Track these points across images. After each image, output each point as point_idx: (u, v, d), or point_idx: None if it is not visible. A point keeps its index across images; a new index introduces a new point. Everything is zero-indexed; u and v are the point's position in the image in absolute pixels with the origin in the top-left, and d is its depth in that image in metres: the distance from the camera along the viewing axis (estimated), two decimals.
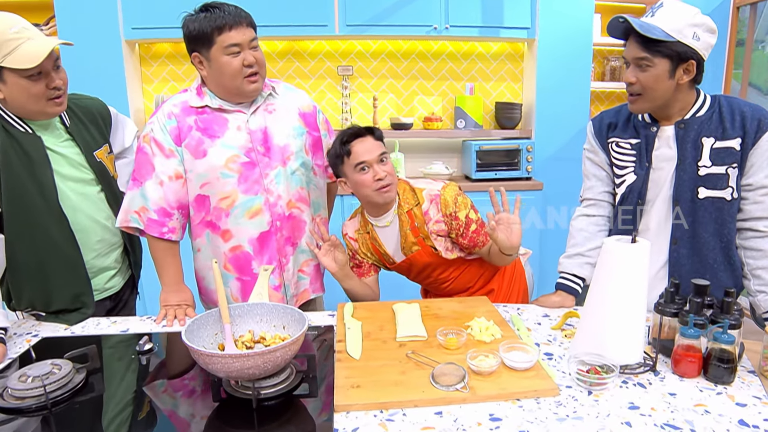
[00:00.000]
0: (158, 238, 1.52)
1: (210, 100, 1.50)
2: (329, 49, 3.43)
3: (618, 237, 1.17)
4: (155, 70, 3.33)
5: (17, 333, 1.44)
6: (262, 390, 1.05)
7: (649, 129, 1.48)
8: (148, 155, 1.49)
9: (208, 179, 1.50)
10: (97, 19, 2.93)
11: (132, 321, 1.53)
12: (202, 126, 1.49)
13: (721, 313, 1.18)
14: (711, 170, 1.40)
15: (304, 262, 1.65)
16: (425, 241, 1.60)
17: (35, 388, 1.06)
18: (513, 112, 3.49)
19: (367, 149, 1.51)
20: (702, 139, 1.40)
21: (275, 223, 1.55)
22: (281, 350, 0.99)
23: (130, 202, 1.50)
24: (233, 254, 1.55)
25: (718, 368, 1.12)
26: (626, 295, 1.13)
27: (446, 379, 1.09)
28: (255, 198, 1.52)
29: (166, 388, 1.15)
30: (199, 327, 1.12)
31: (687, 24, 1.31)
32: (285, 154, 1.55)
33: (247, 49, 1.43)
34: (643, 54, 1.34)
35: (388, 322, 1.43)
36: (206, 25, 1.39)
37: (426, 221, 1.58)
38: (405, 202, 1.61)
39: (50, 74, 1.39)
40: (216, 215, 1.53)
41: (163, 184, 1.49)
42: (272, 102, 1.57)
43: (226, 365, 0.97)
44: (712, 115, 1.41)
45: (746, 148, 1.38)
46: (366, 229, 1.67)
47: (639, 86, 1.38)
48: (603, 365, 1.13)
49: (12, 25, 1.33)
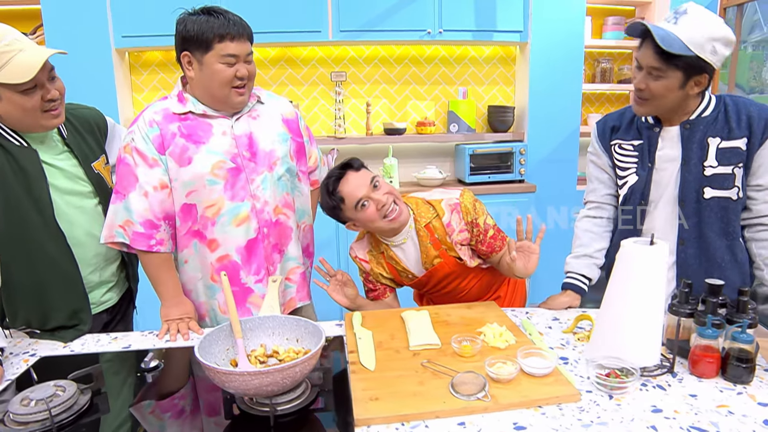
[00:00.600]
0: (147, 252, 1.46)
1: (193, 105, 1.46)
2: (322, 55, 3.41)
3: (636, 239, 1.16)
4: (145, 79, 3.28)
5: (13, 353, 1.39)
6: (279, 406, 1.02)
7: (653, 130, 1.48)
8: (131, 166, 1.44)
9: (195, 187, 1.45)
10: (86, 28, 2.88)
11: (133, 336, 1.48)
12: (186, 132, 1.45)
13: (736, 312, 1.18)
14: (717, 170, 1.40)
15: (291, 269, 1.62)
16: (448, 252, 1.58)
17: (39, 411, 1.02)
18: (506, 116, 3.50)
19: (356, 186, 1.49)
20: (708, 139, 1.40)
21: (262, 229, 1.52)
22: (301, 365, 0.96)
23: (114, 216, 1.45)
24: (221, 264, 1.51)
25: (737, 368, 1.11)
26: (645, 296, 1.12)
27: (466, 388, 1.07)
28: (242, 205, 1.48)
29: (168, 407, 1.11)
30: (210, 343, 1.08)
31: (708, 38, 1.28)
32: (271, 159, 1.52)
33: (242, 62, 1.41)
34: (657, 65, 1.31)
35: (398, 330, 1.41)
36: (208, 29, 1.36)
37: (449, 233, 1.56)
38: (421, 216, 1.58)
39: (45, 86, 1.34)
40: (203, 224, 1.49)
41: (148, 194, 1.43)
42: (256, 109, 1.55)
43: (244, 383, 0.93)
44: (718, 115, 1.41)
45: (753, 148, 1.38)
46: (379, 249, 1.64)
47: (648, 93, 1.37)
48: (622, 368, 1.12)
49: (2, 37, 1.27)
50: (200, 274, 1.53)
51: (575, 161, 3.48)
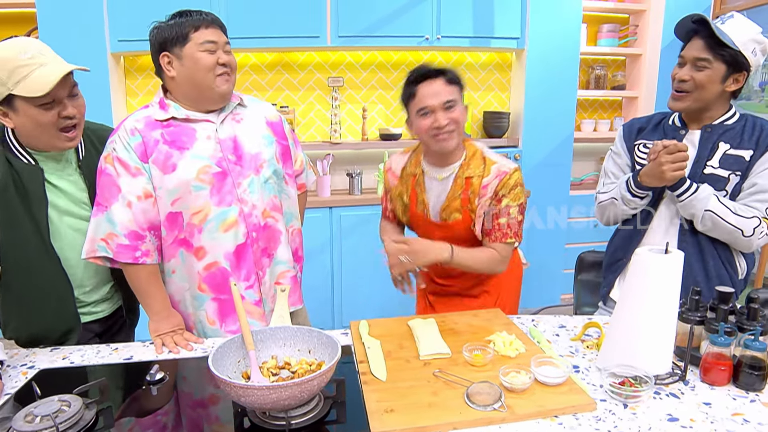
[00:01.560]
0: (133, 264, 1.42)
1: (175, 111, 1.44)
2: (319, 60, 3.40)
3: (650, 247, 1.16)
4: (140, 83, 3.24)
5: (11, 365, 1.35)
6: (293, 419, 1.00)
7: (678, 132, 1.54)
8: (112, 176, 1.39)
9: (180, 194, 1.42)
10: (82, 31, 2.84)
11: (134, 347, 1.45)
12: (170, 139, 1.42)
13: (747, 319, 1.18)
14: (715, 171, 1.47)
15: (281, 273, 1.58)
16: (471, 214, 1.57)
17: (46, 428, 0.98)
18: (501, 121, 3.52)
19: (433, 93, 1.47)
20: (719, 143, 1.47)
21: (251, 234, 1.48)
22: (319, 378, 0.94)
23: (96, 229, 1.39)
24: (208, 272, 1.47)
25: (750, 375, 1.12)
26: (660, 305, 1.12)
27: (482, 398, 1.06)
28: (229, 209, 1.45)
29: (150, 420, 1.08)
30: (222, 355, 1.06)
31: (751, 39, 1.40)
32: (258, 162, 1.50)
33: (221, 50, 1.42)
34: (705, 55, 1.41)
35: (406, 339, 1.39)
36: (182, 23, 1.38)
37: (481, 195, 1.55)
38: (468, 167, 1.57)
39: (63, 102, 1.31)
40: (189, 232, 1.45)
41: (132, 204, 1.39)
42: (239, 112, 1.53)
43: (262, 397, 0.91)
44: (737, 125, 1.48)
45: (754, 158, 1.44)
46: (413, 170, 1.64)
47: (691, 84, 1.45)
48: (635, 377, 1.12)
49: (24, 50, 1.25)
50: (187, 285, 1.49)
51: (569, 166, 3.51)
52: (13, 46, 1.26)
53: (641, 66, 3.62)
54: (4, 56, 1.23)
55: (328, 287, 3.25)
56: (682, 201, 1.47)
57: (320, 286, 3.22)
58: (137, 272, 1.43)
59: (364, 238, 3.18)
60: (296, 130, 3.43)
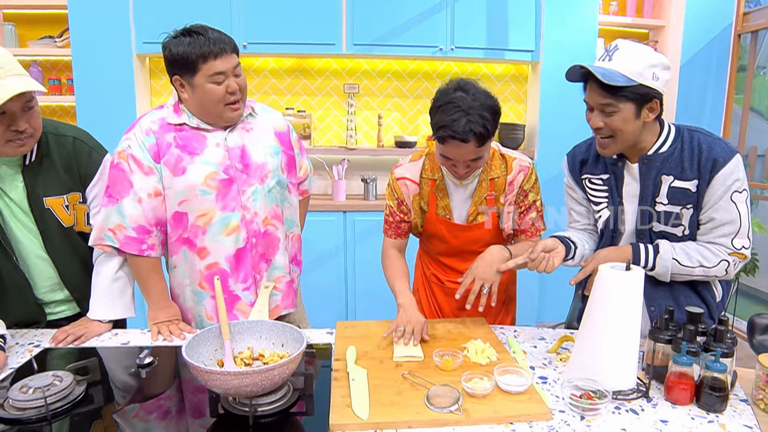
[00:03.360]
0: (138, 256, 1.51)
1: (188, 118, 1.51)
2: (336, 67, 3.49)
3: (612, 264, 1.19)
4: (164, 83, 3.39)
5: (19, 343, 1.46)
6: (260, 407, 1.07)
7: (617, 165, 1.49)
8: (125, 172, 1.48)
9: (187, 196, 1.50)
10: (110, 33, 3.01)
11: (132, 333, 1.54)
12: (182, 143, 1.50)
13: (714, 341, 1.19)
14: (666, 208, 1.41)
15: (277, 278, 1.66)
16: (498, 217, 1.60)
17: (36, 399, 1.08)
18: (516, 133, 3.53)
19: (461, 154, 1.42)
20: (662, 176, 1.41)
21: (251, 239, 1.56)
22: (279, 369, 1.01)
23: (105, 219, 1.48)
24: (209, 272, 1.55)
25: (710, 396, 1.13)
26: (620, 321, 1.15)
27: (441, 400, 1.10)
28: (232, 215, 1.53)
29: (157, 405, 1.16)
30: (199, 343, 1.14)
31: (646, 66, 1.30)
32: (263, 172, 1.57)
33: (230, 77, 1.44)
34: (607, 101, 1.32)
35: (385, 341, 1.45)
36: (190, 51, 1.38)
37: (507, 192, 1.58)
38: (491, 169, 1.57)
39: (15, 116, 1.31)
40: (193, 232, 1.53)
41: (142, 201, 1.48)
42: (250, 121, 1.59)
43: (225, 382, 0.98)
44: (674, 151, 1.41)
45: (701, 189, 1.38)
46: (433, 175, 1.61)
47: (608, 130, 1.37)
48: (596, 391, 1.14)
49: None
50: (188, 280, 1.58)
51: None
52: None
53: None
54: None
55: (342, 289, 3.32)
56: (649, 272, 1.42)
57: (334, 288, 3.30)
58: (141, 263, 1.53)
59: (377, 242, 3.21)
60: (313, 134, 3.53)
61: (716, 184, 1.35)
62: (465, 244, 1.65)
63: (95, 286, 1.55)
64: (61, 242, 1.53)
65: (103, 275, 1.54)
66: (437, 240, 1.69)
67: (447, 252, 1.72)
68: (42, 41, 3.18)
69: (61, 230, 1.52)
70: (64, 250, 1.54)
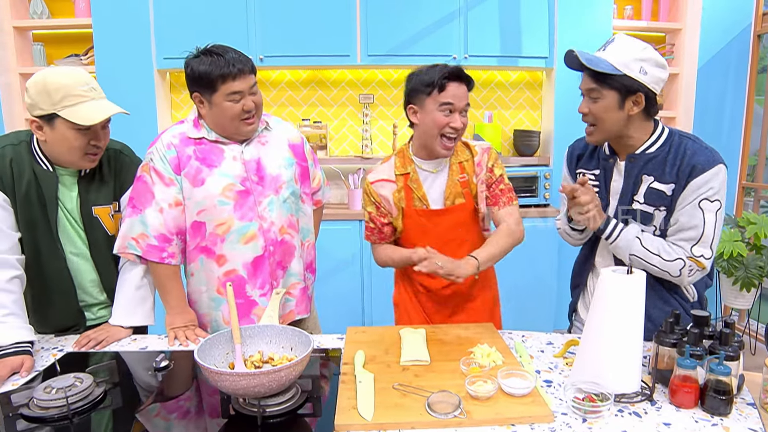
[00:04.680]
0: (159, 263, 1.58)
1: (207, 133, 1.58)
2: (351, 77, 3.56)
3: (614, 268, 1.20)
4: (184, 98, 3.50)
5: (45, 347, 1.54)
6: (268, 408, 1.11)
7: (608, 161, 1.52)
8: (148, 184, 1.57)
9: (205, 206, 1.57)
10: (131, 50, 3.14)
11: (150, 338, 1.61)
12: (201, 156, 1.57)
13: (719, 344, 1.19)
14: (642, 207, 1.45)
15: (292, 285, 1.71)
16: (473, 198, 1.68)
17: (58, 399, 1.14)
18: (531, 140, 3.54)
19: (461, 94, 1.57)
20: (642, 176, 1.44)
21: (268, 247, 1.62)
22: (286, 370, 1.05)
23: (129, 228, 1.56)
24: (227, 278, 1.61)
25: (714, 399, 1.13)
26: (623, 324, 1.16)
27: (442, 407, 1.12)
28: (250, 224, 1.59)
29: (176, 406, 1.21)
30: (211, 346, 1.19)
31: (634, 58, 1.34)
32: (277, 183, 1.63)
33: (247, 95, 1.51)
34: (592, 86, 1.40)
35: (393, 345, 1.48)
36: (210, 71, 1.46)
37: (477, 172, 1.69)
38: (456, 154, 1.69)
39: (97, 133, 1.49)
40: (211, 241, 1.60)
41: (163, 211, 1.56)
42: (265, 135, 1.66)
43: (234, 383, 1.03)
44: (660, 153, 1.43)
45: (677, 193, 1.40)
46: (405, 169, 1.70)
47: (591, 117, 1.44)
48: (599, 393, 1.15)
49: (84, 82, 1.44)
50: (205, 287, 1.64)
51: None
52: (74, 75, 1.44)
53: (678, 86, 3.55)
54: (63, 82, 1.41)
55: (358, 296, 3.36)
56: (609, 244, 1.47)
57: (350, 295, 3.34)
58: (161, 270, 1.60)
59: None
60: (329, 145, 3.59)
61: (689, 190, 1.37)
62: (445, 231, 1.70)
63: (120, 293, 1.63)
64: (105, 249, 1.63)
65: (127, 283, 1.62)
66: (417, 236, 1.71)
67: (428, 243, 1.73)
68: (68, 59, 3.33)
69: (106, 238, 1.62)
70: (107, 257, 1.64)
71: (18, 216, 1.50)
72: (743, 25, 3.39)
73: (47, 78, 1.41)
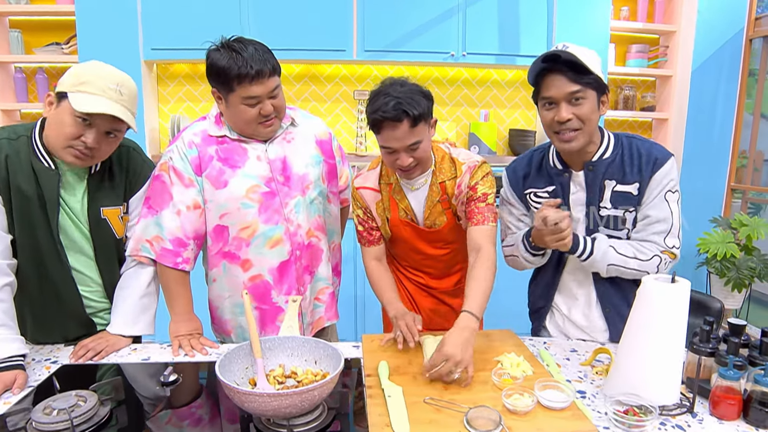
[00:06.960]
0: (171, 268, 1.48)
1: (228, 131, 1.49)
2: (346, 73, 3.46)
3: (656, 276, 1.16)
4: (171, 90, 3.36)
5: (35, 359, 1.42)
6: (295, 428, 1.03)
7: (563, 175, 1.48)
8: (166, 184, 1.47)
9: (228, 209, 1.48)
10: (117, 39, 2.98)
11: (152, 348, 1.50)
12: (223, 156, 1.48)
13: (760, 353, 1.16)
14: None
15: (320, 290, 1.64)
16: (453, 216, 1.58)
17: (61, 421, 1.04)
18: (526, 139, 3.51)
19: (399, 136, 1.36)
20: (605, 181, 1.43)
21: (295, 252, 1.54)
22: (320, 389, 0.97)
23: (144, 230, 1.47)
24: (252, 284, 1.53)
25: (759, 411, 1.09)
26: (666, 334, 1.11)
27: (482, 422, 1.06)
28: (275, 228, 1.51)
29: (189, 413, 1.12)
30: (230, 361, 1.10)
31: (594, 59, 1.33)
32: (304, 183, 1.54)
33: (265, 100, 1.40)
34: (577, 87, 1.31)
35: (415, 355, 1.41)
36: (228, 69, 1.35)
37: (457, 194, 1.54)
38: (440, 172, 1.54)
39: (93, 131, 1.32)
40: (236, 245, 1.51)
41: (181, 213, 1.46)
42: (291, 131, 1.56)
43: (263, 404, 0.94)
44: (616, 157, 1.42)
45: (642, 190, 1.40)
46: (389, 179, 1.58)
47: (577, 121, 1.34)
48: (641, 406, 1.11)
49: (115, 82, 1.32)
50: (227, 293, 1.55)
51: None
52: (110, 74, 1.33)
53: (671, 88, 3.57)
54: (95, 72, 1.31)
55: (350, 299, 3.27)
56: (583, 262, 1.43)
57: (345, 298, 3.25)
58: (171, 274, 1.50)
59: None
60: None
61: (653, 183, 1.39)
62: (430, 243, 1.63)
63: (122, 299, 1.51)
64: (111, 252, 1.51)
65: (131, 290, 1.50)
66: (404, 244, 1.65)
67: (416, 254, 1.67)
68: (48, 48, 3.15)
69: (113, 240, 1.50)
70: (113, 261, 1.52)
71: (15, 216, 1.36)
72: (736, 28, 3.42)
73: (88, 65, 1.33)
